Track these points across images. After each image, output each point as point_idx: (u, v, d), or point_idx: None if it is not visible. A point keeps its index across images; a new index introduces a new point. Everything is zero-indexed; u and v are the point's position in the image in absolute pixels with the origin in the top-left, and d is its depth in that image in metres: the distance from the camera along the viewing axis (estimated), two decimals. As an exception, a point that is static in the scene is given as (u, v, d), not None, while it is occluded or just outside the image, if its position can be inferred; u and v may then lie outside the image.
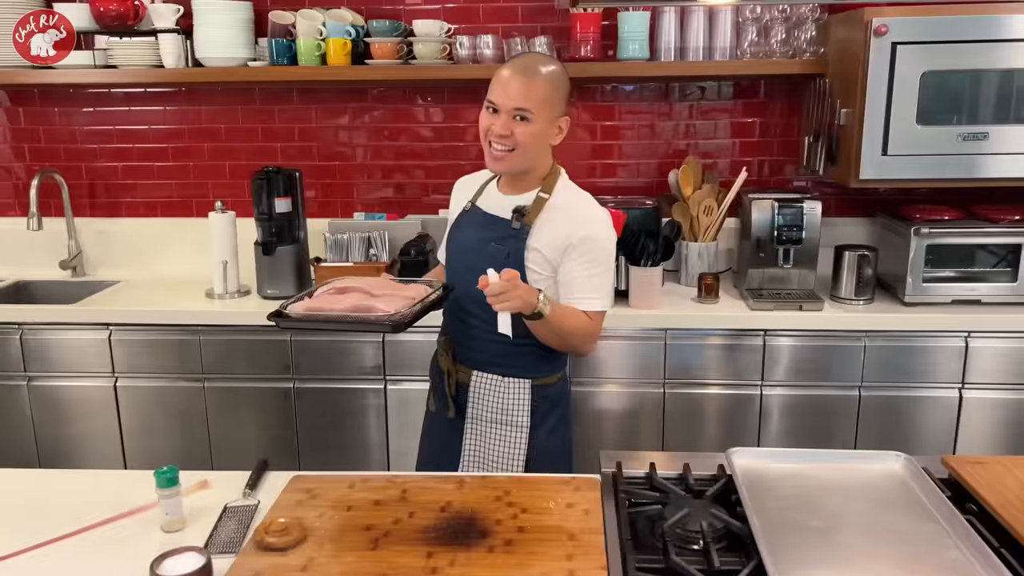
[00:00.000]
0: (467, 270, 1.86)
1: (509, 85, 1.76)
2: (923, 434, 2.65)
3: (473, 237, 1.91)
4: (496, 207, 1.90)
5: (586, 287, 1.83)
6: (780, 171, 3.10)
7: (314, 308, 1.69)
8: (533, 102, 1.75)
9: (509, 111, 1.76)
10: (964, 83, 2.44)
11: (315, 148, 3.17)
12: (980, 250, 2.65)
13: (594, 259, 1.82)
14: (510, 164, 1.81)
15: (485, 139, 1.81)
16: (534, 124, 1.76)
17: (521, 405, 1.90)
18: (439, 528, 1.37)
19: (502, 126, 1.76)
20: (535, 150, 1.81)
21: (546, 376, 1.94)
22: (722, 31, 2.77)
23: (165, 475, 1.38)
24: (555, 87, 1.79)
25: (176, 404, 2.78)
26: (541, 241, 1.82)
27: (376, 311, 1.66)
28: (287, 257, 2.81)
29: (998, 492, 1.37)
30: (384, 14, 2.98)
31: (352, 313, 1.67)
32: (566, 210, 1.84)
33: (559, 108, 1.81)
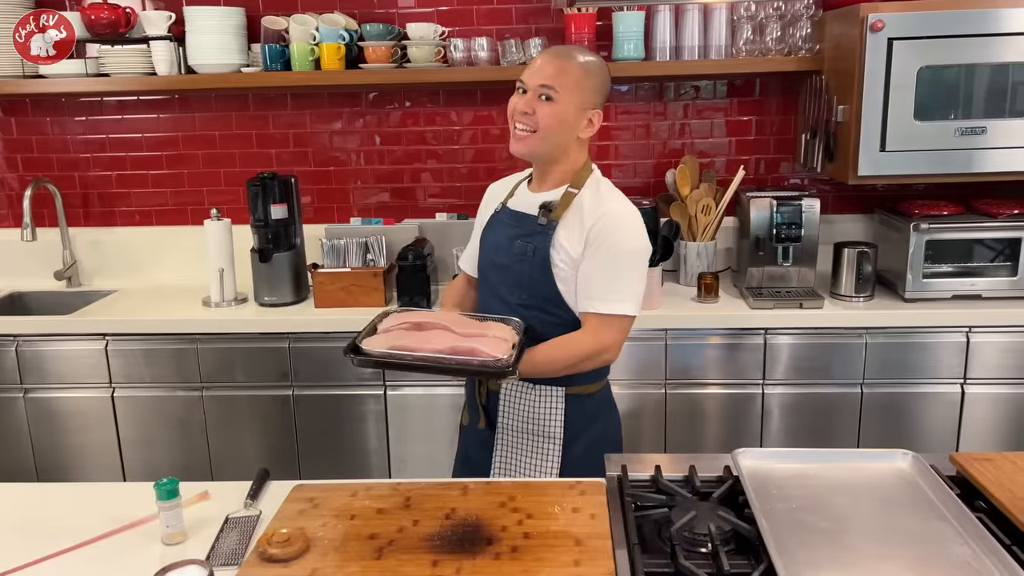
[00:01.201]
0: (495, 270, 1.83)
1: (541, 66, 1.71)
2: (926, 430, 2.65)
3: (501, 236, 1.83)
4: (524, 204, 1.83)
5: (601, 288, 1.71)
6: (777, 169, 3.09)
7: (401, 347, 1.57)
8: (559, 81, 1.68)
9: (535, 89, 1.70)
10: (961, 78, 2.44)
11: (310, 153, 3.15)
12: (979, 244, 2.65)
13: (613, 257, 1.70)
14: (530, 146, 1.73)
15: (511, 119, 1.75)
16: (558, 105, 1.69)
17: (554, 415, 1.80)
18: (444, 536, 1.35)
19: (525, 103, 1.71)
20: (557, 134, 1.72)
21: (582, 385, 1.81)
22: (717, 30, 2.76)
23: (165, 487, 1.36)
24: (586, 74, 1.71)
25: (174, 414, 2.76)
26: (566, 236, 1.73)
27: (479, 354, 1.55)
28: (284, 264, 2.80)
29: (1008, 489, 1.36)
30: (377, 18, 2.97)
31: (451, 356, 1.55)
32: (591, 206, 1.74)
33: (590, 98, 1.73)
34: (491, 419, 1.88)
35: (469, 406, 1.96)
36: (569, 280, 1.74)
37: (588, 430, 1.82)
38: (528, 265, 1.76)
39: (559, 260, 1.73)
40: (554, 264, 1.74)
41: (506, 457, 1.86)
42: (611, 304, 1.71)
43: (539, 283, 1.75)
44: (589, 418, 1.83)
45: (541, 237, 1.75)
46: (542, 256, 1.74)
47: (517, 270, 1.77)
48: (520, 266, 1.77)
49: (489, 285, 1.87)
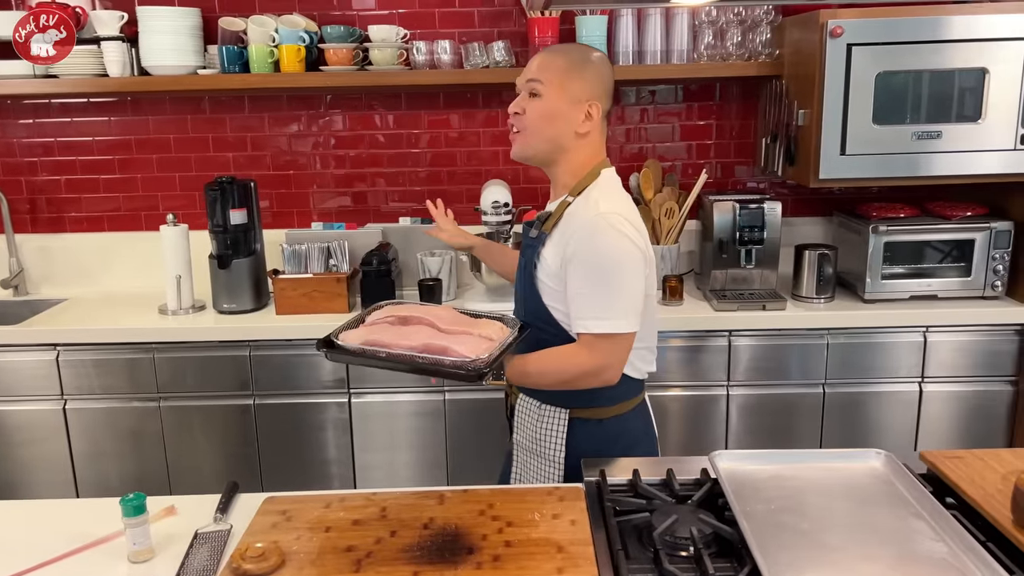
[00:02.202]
0: (515, 287, 1.81)
1: (530, 64, 1.66)
2: (886, 429, 2.70)
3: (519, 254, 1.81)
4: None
5: (591, 306, 1.57)
6: (738, 173, 3.13)
7: (374, 342, 1.47)
8: (543, 75, 1.61)
9: (524, 86, 1.65)
10: (917, 83, 2.49)
11: (268, 157, 3.09)
12: (935, 246, 2.71)
13: (594, 272, 1.56)
14: (521, 146, 1.66)
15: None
16: (544, 99, 1.61)
17: (555, 437, 1.70)
18: (423, 546, 1.32)
19: (515, 103, 1.65)
20: (546, 131, 1.63)
21: (589, 409, 1.70)
22: (679, 34, 2.78)
23: (132, 503, 1.31)
24: (579, 66, 1.63)
25: (130, 426, 2.68)
26: (549, 249, 1.64)
27: (450, 353, 1.43)
28: (244, 270, 2.73)
29: (979, 487, 1.38)
30: (337, 20, 2.93)
31: (421, 354, 1.45)
32: (576, 216, 1.61)
33: (582, 88, 1.62)
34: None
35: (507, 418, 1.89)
36: (556, 296, 1.64)
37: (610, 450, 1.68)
38: (521, 281, 1.71)
39: (542, 275, 1.65)
40: (539, 280, 1.66)
41: (520, 473, 1.81)
42: (603, 323, 1.57)
43: (530, 299, 1.69)
44: (601, 444, 1.70)
45: (531, 252, 1.69)
46: (530, 272, 1.68)
47: (518, 286, 1.75)
48: (519, 282, 1.73)
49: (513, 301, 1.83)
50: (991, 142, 2.50)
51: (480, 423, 2.68)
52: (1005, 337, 2.66)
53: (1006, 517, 1.28)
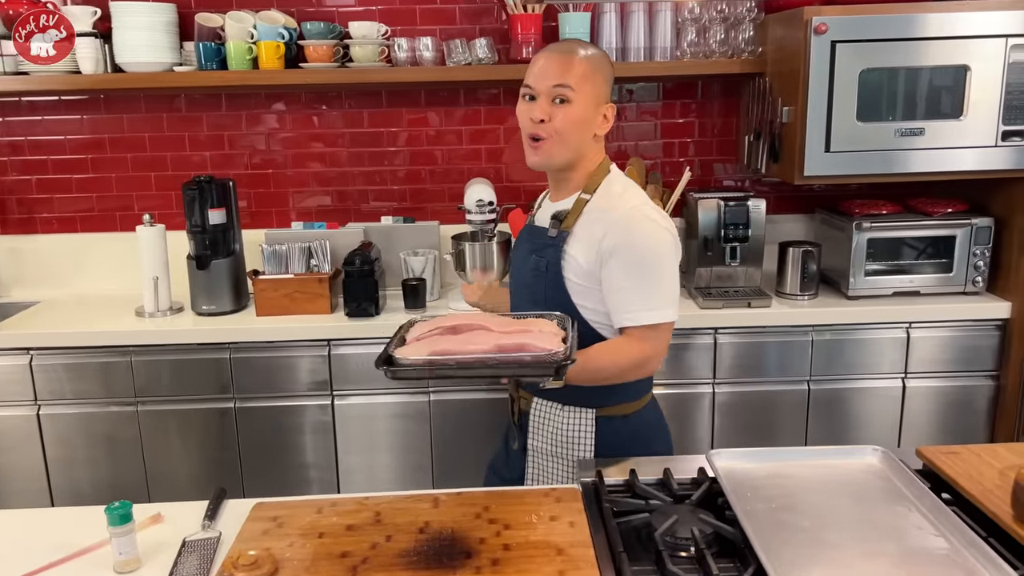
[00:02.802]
0: (519, 288, 1.76)
1: (547, 66, 1.60)
2: (870, 425, 2.71)
3: (522, 253, 1.75)
4: (543, 217, 1.73)
5: (635, 300, 1.58)
6: (720, 170, 3.13)
7: (442, 351, 1.38)
8: (572, 78, 1.57)
9: (548, 92, 1.58)
10: (900, 80, 2.50)
11: (246, 156, 3.04)
12: (917, 242, 2.72)
13: (635, 264, 1.57)
14: (548, 155, 1.62)
15: (524, 132, 1.64)
16: (575, 106, 1.58)
17: (583, 438, 1.68)
18: (420, 551, 1.29)
19: (541, 110, 1.59)
20: (576, 138, 1.61)
21: (615, 406, 1.69)
22: (662, 32, 2.78)
23: (117, 511, 1.26)
24: (596, 67, 1.61)
25: (106, 431, 2.62)
26: (577, 247, 1.62)
27: (528, 349, 1.36)
28: (223, 271, 2.68)
29: (977, 482, 1.38)
30: (316, 16, 2.88)
31: (498, 355, 1.37)
32: (604, 210, 1.61)
33: (602, 92, 1.62)
34: (523, 440, 1.78)
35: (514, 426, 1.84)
36: (586, 294, 1.63)
37: (629, 454, 1.65)
38: (543, 282, 1.66)
39: (572, 274, 1.63)
40: (567, 279, 1.63)
41: (537, 479, 1.76)
42: (650, 313, 1.58)
43: (555, 300, 1.64)
44: (625, 441, 1.70)
45: (553, 251, 1.65)
46: (555, 271, 1.64)
47: (534, 287, 1.68)
48: (536, 283, 1.67)
49: (515, 304, 1.79)
50: (972, 139, 2.51)
51: (465, 424, 2.65)
52: (986, 332, 2.68)
53: (1006, 512, 1.28)
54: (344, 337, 2.59)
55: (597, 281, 1.61)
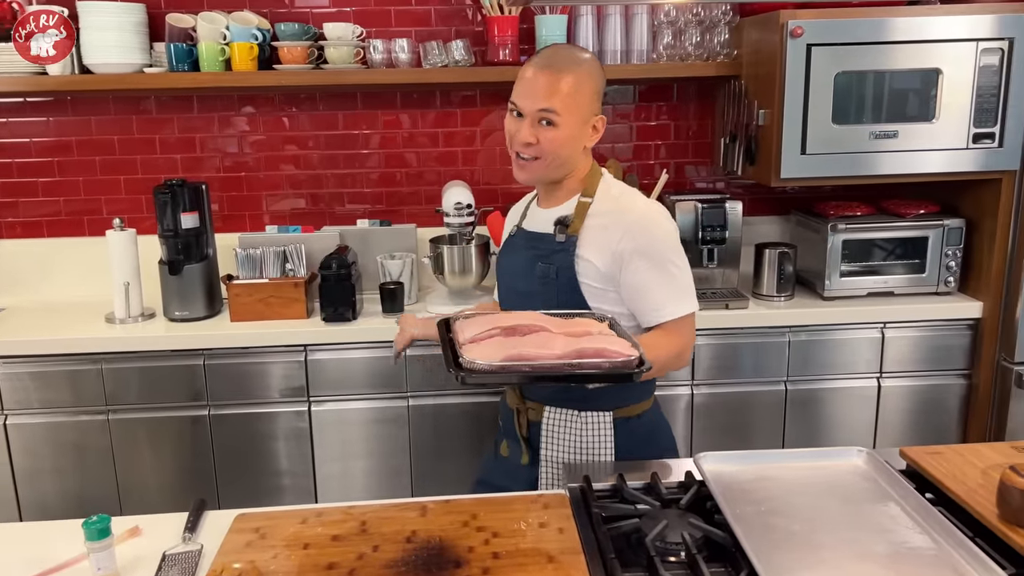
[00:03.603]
0: (519, 297, 1.72)
1: (533, 84, 1.59)
2: (846, 424, 2.74)
3: (519, 260, 1.73)
4: (538, 223, 1.73)
5: (663, 296, 1.62)
6: (695, 172, 3.14)
7: (517, 356, 1.33)
8: (557, 102, 1.57)
9: (534, 115, 1.59)
10: (874, 83, 2.52)
11: (218, 159, 2.99)
12: (891, 243, 2.75)
13: (660, 258, 1.62)
14: (535, 174, 1.64)
15: (510, 146, 1.65)
16: (562, 128, 1.59)
17: (604, 442, 1.68)
18: (408, 561, 1.27)
19: (527, 133, 1.59)
20: (564, 157, 1.63)
21: (628, 406, 1.71)
22: (638, 34, 2.78)
23: (96, 525, 1.23)
24: (584, 83, 1.60)
25: (76, 441, 2.56)
26: (590, 250, 1.63)
27: (607, 355, 1.33)
28: (196, 276, 2.63)
29: (961, 482, 1.39)
30: (289, 17, 2.84)
31: (579, 360, 1.33)
32: (613, 212, 1.64)
33: (591, 108, 1.63)
34: (534, 450, 1.73)
35: (509, 438, 1.80)
36: (602, 297, 1.64)
37: (640, 455, 1.68)
38: (554, 288, 1.64)
39: (586, 278, 1.64)
40: (583, 283, 1.64)
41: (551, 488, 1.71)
42: (680, 306, 1.63)
43: (569, 305, 1.62)
44: (640, 441, 1.71)
45: (563, 256, 1.64)
46: (567, 276, 1.64)
47: (543, 295, 1.66)
48: (546, 290, 1.66)
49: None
50: (944, 141, 2.55)
51: (444, 429, 2.63)
52: (958, 332, 2.72)
53: (991, 511, 1.29)
54: (321, 342, 2.56)
55: (614, 283, 1.63)
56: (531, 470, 1.73)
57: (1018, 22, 2.46)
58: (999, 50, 2.48)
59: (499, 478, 1.76)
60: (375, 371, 2.58)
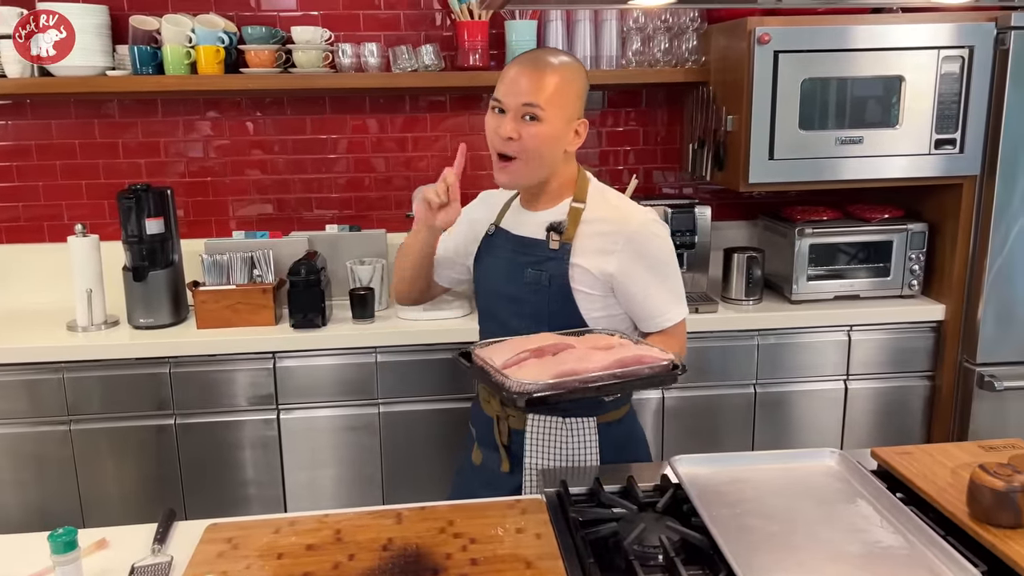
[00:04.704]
0: (505, 302, 1.69)
1: (518, 81, 1.55)
2: (814, 426, 2.77)
3: (503, 265, 1.69)
4: (525, 227, 1.68)
5: (664, 302, 1.65)
6: (663, 178, 3.16)
7: (565, 373, 1.35)
8: (544, 97, 1.53)
9: (516, 109, 1.55)
10: (840, 89, 2.56)
11: (183, 164, 2.94)
12: (856, 247, 2.79)
13: (662, 266, 1.64)
14: (515, 176, 1.60)
15: (492, 145, 1.61)
16: (545, 124, 1.55)
17: (588, 447, 1.67)
18: (385, 569, 1.26)
19: (510, 127, 1.55)
20: (546, 157, 1.59)
21: (609, 412, 1.70)
22: (608, 40, 2.79)
23: (62, 538, 1.19)
24: (569, 82, 1.57)
25: (35, 452, 2.49)
26: (586, 257, 1.61)
27: (645, 361, 1.39)
28: (161, 282, 2.59)
29: (931, 481, 1.41)
30: (255, 20, 2.81)
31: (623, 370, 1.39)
32: (613, 219, 1.62)
33: (575, 109, 1.60)
34: (515, 459, 1.71)
35: (485, 446, 1.78)
36: (599, 303, 1.64)
37: (622, 459, 1.68)
38: (545, 296, 1.62)
39: (582, 285, 1.62)
40: (576, 290, 1.62)
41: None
42: (679, 310, 1.69)
43: (560, 313, 1.62)
44: (618, 447, 1.71)
45: (556, 264, 1.62)
46: (560, 284, 1.61)
47: (533, 302, 1.64)
48: (536, 297, 1.63)
49: (496, 316, 1.72)
50: (907, 147, 2.59)
51: (415, 435, 2.61)
52: (921, 334, 2.77)
53: (961, 510, 1.31)
54: (289, 349, 2.53)
55: (608, 288, 1.63)
56: (511, 478, 1.72)
57: (978, 31, 2.51)
58: (960, 58, 2.53)
59: (478, 489, 1.72)
60: (345, 378, 2.55)
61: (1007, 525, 1.25)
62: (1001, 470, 1.27)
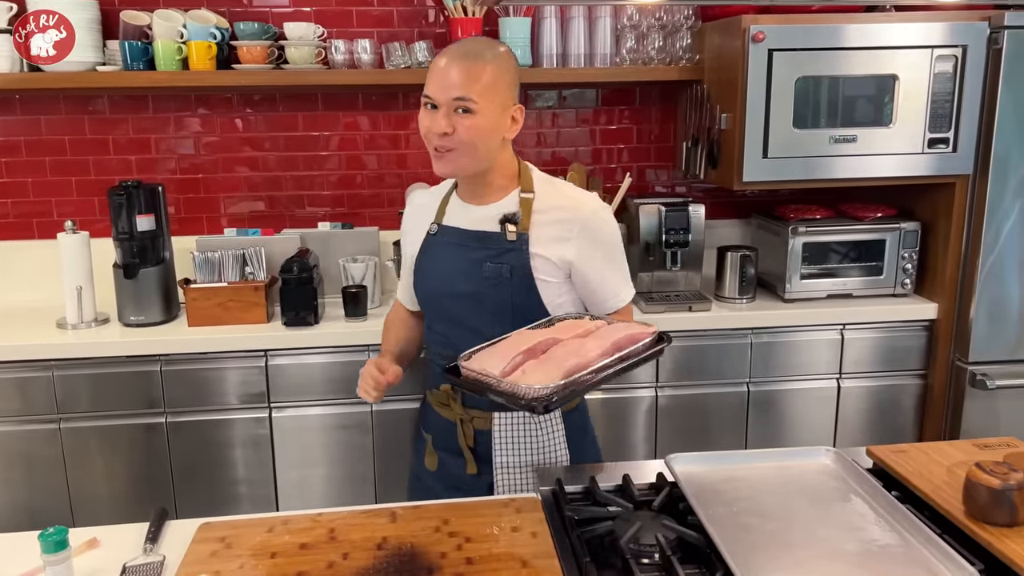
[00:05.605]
0: (457, 300, 1.67)
1: (447, 74, 1.53)
2: (807, 425, 2.77)
3: (455, 262, 1.67)
4: (475, 221, 1.67)
5: (617, 282, 1.72)
6: (656, 176, 3.16)
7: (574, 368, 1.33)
8: (476, 90, 1.52)
9: (449, 104, 1.53)
10: (834, 88, 2.56)
11: (174, 160, 2.92)
12: (849, 246, 2.79)
13: (613, 254, 1.70)
14: (454, 165, 1.58)
15: (427, 141, 1.59)
16: (479, 116, 1.53)
17: (556, 437, 1.69)
18: (379, 568, 1.25)
19: (443, 123, 1.53)
20: (483, 147, 1.57)
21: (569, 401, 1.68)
22: (602, 38, 2.79)
23: (52, 538, 1.18)
24: (501, 71, 1.56)
25: (24, 450, 2.47)
26: (543, 246, 1.62)
27: (639, 339, 1.41)
28: (152, 280, 2.57)
29: (927, 479, 1.41)
30: (247, 16, 2.79)
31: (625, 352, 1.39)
32: (566, 207, 1.64)
33: (509, 96, 1.59)
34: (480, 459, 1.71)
35: (443, 450, 1.77)
36: (559, 289, 1.66)
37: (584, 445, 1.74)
38: (508, 288, 1.62)
39: (543, 274, 1.63)
40: (539, 280, 1.62)
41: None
42: (627, 291, 1.75)
43: (523, 305, 1.62)
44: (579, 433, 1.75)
45: (516, 255, 1.61)
46: (523, 275, 1.61)
47: (493, 296, 1.63)
48: (496, 291, 1.62)
49: (451, 317, 1.69)
50: (901, 146, 2.60)
51: (408, 434, 2.59)
52: (914, 333, 2.77)
53: (957, 508, 1.31)
54: (282, 347, 2.51)
55: (566, 274, 1.66)
56: (478, 480, 1.71)
57: (971, 30, 2.52)
58: (953, 57, 2.53)
59: (443, 493, 1.71)
60: (337, 376, 2.54)
61: (1003, 523, 1.25)
62: (997, 468, 1.27)
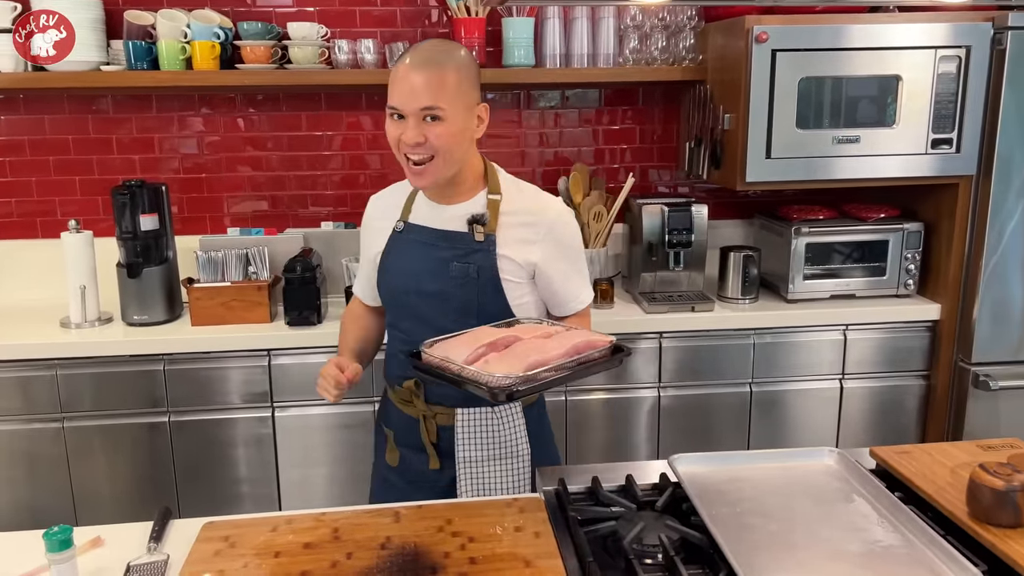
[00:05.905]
0: (423, 298, 1.66)
1: (410, 83, 1.50)
2: (810, 425, 2.77)
3: (422, 260, 1.66)
4: (442, 221, 1.66)
5: (578, 286, 1.74)
6: (659, 176, 3.16)
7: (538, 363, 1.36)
8: (443, 97, 1.50)
9: (416, 114, 1.51)
10: (837, 89, 2.56)
11: (177, 160, 2.92)
12: (853, 247, 2.79)
13: (575, 256, 1.73)
14: (435, 175, 1.57)
15: (398, 152, 1.57)
16: (449, 122, 1.52)
17: (517, 431, 1.70)
18: (383, 568, 1.25)
19: (413, 133, 1.52)
20: (458, 151, 1.57)
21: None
22: (605, 38, 2.79)
23: (57, 536, 1.18)
24: (463, 74, 1.54)
25: (28, 450, 2.48)
26: (509, 248, 1.63)
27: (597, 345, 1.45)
28: (155, 279, 2.57)
29: (931, 480, 1.41)
30: (251, 16, 2.79)
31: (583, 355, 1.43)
32: (532, 211, 1.66)
33: (473, 96, 1.58)
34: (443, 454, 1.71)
35: (405, 446, 1.76)
36: (523, 289, 1.67)
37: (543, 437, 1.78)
38: (474, 288, 1.62)
39: (509, 275, 1.64)
40: (505, 280, 1.63)
41: (475, 491, 1.69)
42: (587, 293, 1.78)
43: (489, 304, 1.63)
44: (538, 427, 1.78)
45: (483, 255, 1.62)
46: (490, 275, 1.62)
47: (459, 295, 1.63)
48: (463, 291, 1.62)
49: (416, 314, 1.68)
50: (904, 147, 2.59)
51: (411, 433, 2.60)
52: (917, 334, 2.77)
53: (961, 509, 1.31)
54: (284, 347, 2.51)
55: (530, 275, 1.68)
56: (440, 475, 1.72)
57: (974, 31, 2.52)
58: (956, 58, 2.53)
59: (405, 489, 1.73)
60: (340, 376, 2.54)
61: (1007, 524, 1.25)
62: (1001, 469, 1.27)
